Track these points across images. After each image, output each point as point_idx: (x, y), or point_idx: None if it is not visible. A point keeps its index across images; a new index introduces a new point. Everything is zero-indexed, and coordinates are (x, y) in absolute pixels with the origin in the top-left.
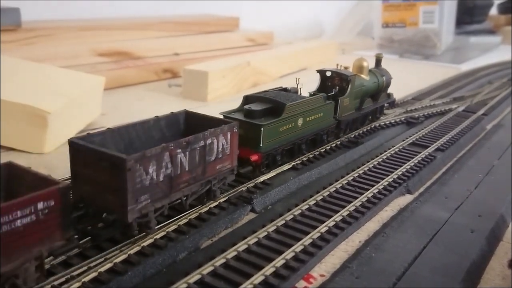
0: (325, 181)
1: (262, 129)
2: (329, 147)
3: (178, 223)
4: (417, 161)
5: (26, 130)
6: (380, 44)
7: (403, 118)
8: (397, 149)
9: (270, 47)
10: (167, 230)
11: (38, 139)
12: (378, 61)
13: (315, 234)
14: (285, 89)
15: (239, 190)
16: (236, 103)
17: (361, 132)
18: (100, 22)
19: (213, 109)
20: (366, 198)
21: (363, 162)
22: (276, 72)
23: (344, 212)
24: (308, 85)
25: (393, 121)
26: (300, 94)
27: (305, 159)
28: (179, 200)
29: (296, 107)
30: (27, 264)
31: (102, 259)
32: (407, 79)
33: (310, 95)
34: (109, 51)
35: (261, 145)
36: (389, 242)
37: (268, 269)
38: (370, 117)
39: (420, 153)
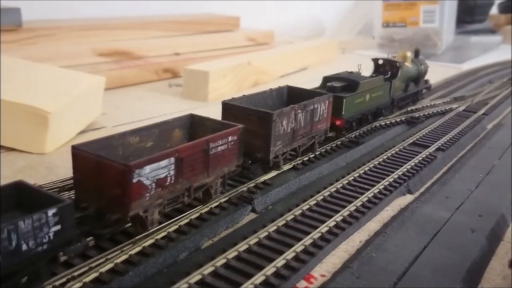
0: (325, 181)
1: (344, 100)
2: (329, 147)
3: (179, 223)
4: (417, 161)
5: (27, 130)
6: (381, 44)
7: (404, 118)
8: (398, 149)
9: (270, 47)
10: (168, 230)
11: (39, 139)
12: (417, 53)
13: (315, 234)
14: (351, 72)
15: (240, 190)
16: None
17: (361, 132)
18: (100, 22)
19: (214, 109)
20: (366, 198)
21: (364, 162)
22: (277, 71)
23: (345, 212)
24: (309, 84)
25: (393, 121)
26: None
27: (305, 159)
28: (296, 148)
29: (366, 85)
30: (217, 179)
31: (103, 259)
32: None
33: None
34: (109, 51)
35: (343, 113)
36: (389, 242)
37: (269, 269)
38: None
39: (420, 153)
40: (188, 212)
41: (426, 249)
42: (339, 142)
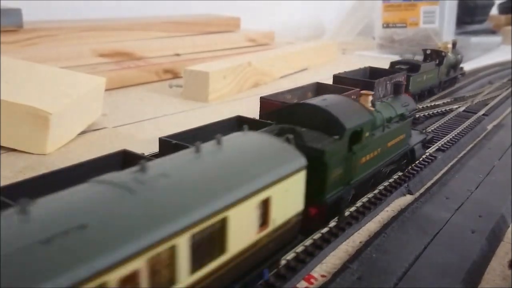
0: None
1: (411, 78)
2: None
3: None
4: (417, 161)
5: (27, 131)
6: (381, 44)
7: None
8: None
9: (271, 48)
10: None
11: (39, 140)
12: (454, 44)
13: (315, 234)
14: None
15: None
16: (237, 104)
17: None
18: (101, 22)
19: (215, 109)
20: (366, 199)
21: None
22: (277, 72)
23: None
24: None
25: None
26: None
27: None
28: None
29: (425, 67)
30: None
31: None
32: None
33: None
34: (110, 51)
35: (410, 88)
36: (390, 243)
37: None
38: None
39: None
40: None
41: (426, 249)
42: None
